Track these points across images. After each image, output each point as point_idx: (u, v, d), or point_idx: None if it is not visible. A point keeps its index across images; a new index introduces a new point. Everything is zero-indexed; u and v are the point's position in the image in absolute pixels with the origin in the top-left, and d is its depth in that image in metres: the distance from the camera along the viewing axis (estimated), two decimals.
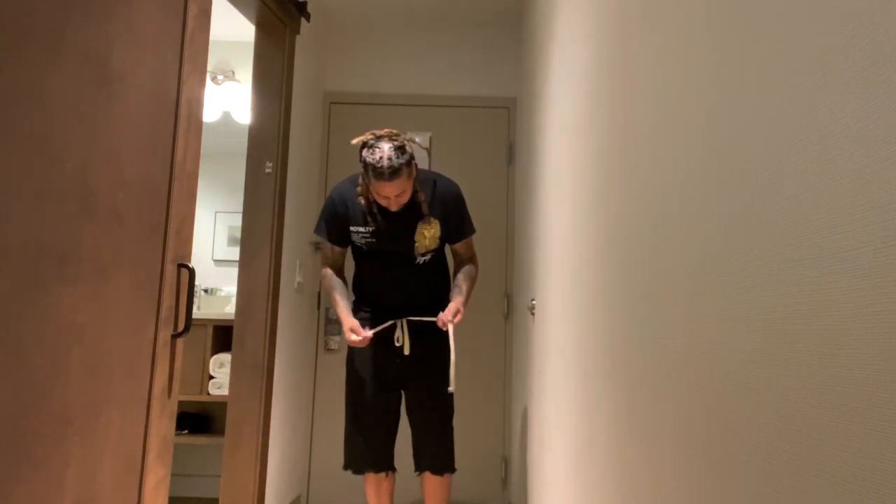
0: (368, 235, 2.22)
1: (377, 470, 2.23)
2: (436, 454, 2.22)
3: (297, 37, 2.83)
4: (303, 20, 2.85)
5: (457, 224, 2.29)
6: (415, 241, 2.21)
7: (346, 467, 2.25)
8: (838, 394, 0.47)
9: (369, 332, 2.14)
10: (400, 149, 2.02)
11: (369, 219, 2.20)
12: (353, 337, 2.12)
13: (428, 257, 2.25)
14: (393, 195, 2.07)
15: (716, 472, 0.69)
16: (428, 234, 2.22)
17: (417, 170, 2.16)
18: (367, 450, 2.22)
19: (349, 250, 2.33)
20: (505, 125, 3.37)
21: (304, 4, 2.81)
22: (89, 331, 1.17)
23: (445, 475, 2.23)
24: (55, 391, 1.09)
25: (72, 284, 1.13)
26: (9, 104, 0.98)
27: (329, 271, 2.31)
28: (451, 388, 2.09)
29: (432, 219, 2.22)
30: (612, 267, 1.19)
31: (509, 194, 3.31)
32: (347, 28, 3.43)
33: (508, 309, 3.27)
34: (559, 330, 1.79)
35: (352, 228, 2.23)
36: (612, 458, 1.13)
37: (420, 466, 2.24)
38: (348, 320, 2.16)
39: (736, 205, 0.66)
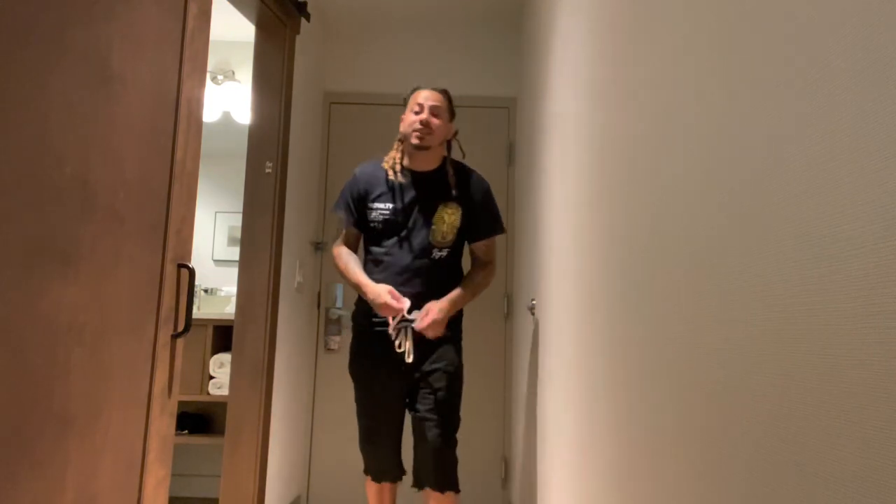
0: (388, 212, 2.10)
1: (393, 480, 2.17)
2: (436, 471, 2.06)
3: (297, 37, 2.83)
4: (303, 20, 2.85)
5: (482, 218, 2.15)
6: (433, 225, 2.08)
7: (365, 472, 2.18)
8: (838, 393, 0.47)
9: (407, 303, 1.98)
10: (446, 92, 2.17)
11: (391, 193, 2.11)
12: (389, 300, 1.95)
13: (444, 253, 2.09)
14: (427, 103, 2.08)
15: (716, 471, 0.69)
16: (447, 220, 2.09)
17: (453, 156, 2.19)
18: (374, 460, 2.15)
19: (361, 243, 2.22)
20: (505, 125, 3.37)
21: (304, 4, 2.81)
22: (89, 331, 1.17)
23: (448, 493, 2.07)
24: (55, 391, 1.09)
25: (72, 284, 1.13)
26: (9, 104, 0.98)
27: (343, 249, 2.18)
28: (408, 359, 1.99)
29: (455, 204, 2.11)
30: (611, 267, 1.19)
31: (509, 194, 3.31)
32: (347, 28, 3.43)
33: (508, 309, 3.27)
34: (559, 330, 1.79)
35: (370, 205, 2.12)
36: (612, 458, 1.13)
37: (420, 483, 2.10)
38: (377, 287, 2.01)
39: (735, 204, 0.66)
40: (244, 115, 3.45)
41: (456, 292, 2.07)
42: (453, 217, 2.10)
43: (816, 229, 0.51)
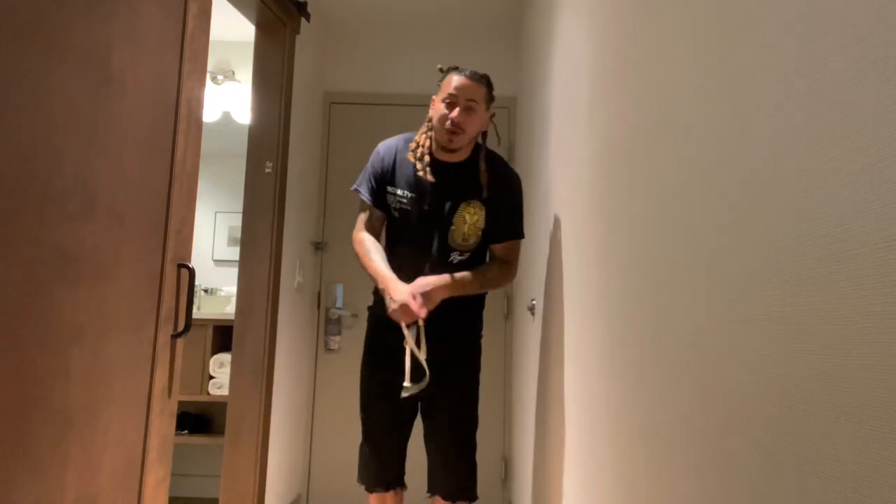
0: (405, 201, 1.89)
1: (384, 488, 1.96)
2: (450, 478, 1.89)
3: (297, 37, 2.83)
4: (303, 20, 2.85)
5: (505, 221, 1.91)
6: (452, 225, 1.87)
7: (358, 480, 2.00)
8: (838, 393, 0.47)
9: (423, 313, 1.75)
10: (487, 79, 1.91)
11: (414, 180, 1.89)
12: (411, 302, 1.72)
13: (465, 258, 1.89)
14: (462, 97, 1.81)
15: (716, 471, 0.69)
16: (469, 220, 1.87)
17: (489, 147, 1.95)
18: (374, 464, 1.95)
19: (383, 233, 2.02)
20: (505, 125, 3.37)
21: (304, 4, 2.81)
22: (89, 331, 1.17)
23: (460, 502, 1.89)
24: (55, 391, 1.09)
25: (72, 284, 1.13)
26: (9, 104, 0.98)
27: (366, 235, 1.93)
28: (406, 384, 1.76)
29: (479, 203, 1.88)
30: (612, 267, 1.19)
31: None
32: (347, 28, 3.43)
33: (508, 309, 3.27)
34: (559, 330, 1.79)
35: (389, 189, 1.91)
36: (612, 458, 1.13)
37: (432, 488, 1.94)
38: (400, 288, 1.76)
39: (736, 205, 0.66)
40: (244, 115, 3.45)
41: (464, 275, 1.84)
42: (476, 217, 1.88)
43: (816, 229, 0.51)
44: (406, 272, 1.85)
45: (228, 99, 3.62)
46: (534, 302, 2.38)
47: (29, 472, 1.04)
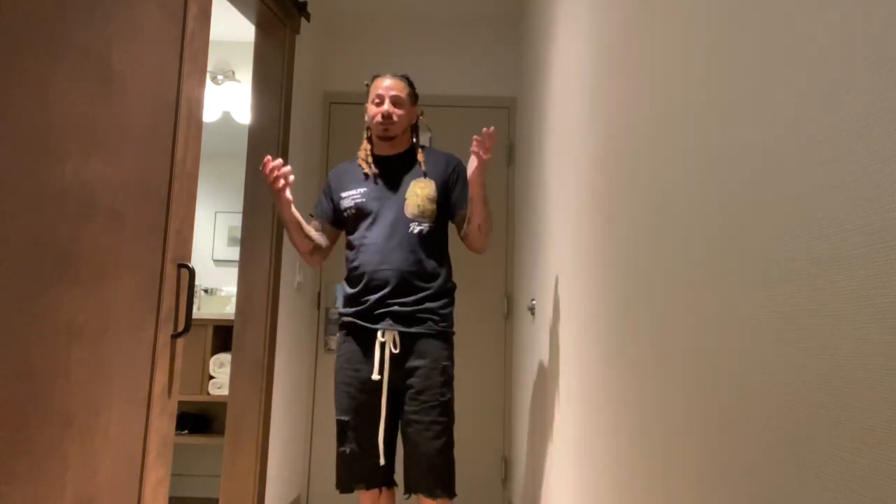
0: (359, 196, 2.05)
1: (368, 486, 1.93)
2: (428, 475, 1.88)
3: (297, 37, 2.83)
4: (303, 20, 2.85)
5: (460, 189, 2.07)
6: (405, 199, 2.02)
7: (336, 485, 1.98)
8: (838, 393, 0.47)
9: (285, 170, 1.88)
10: (406, 77, 2.15)
11: (363, 180, 2.08)
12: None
13: (423, 228, 2.00)
14: (388, 93, 2.05)
15: (716, 471, 0.69)
16: (421, 193, 2.03)
17: (420, 143, 2.16)
18: (355, 461, 1.92)
19: (338, 239, 2.18)
20: (505, 125, 3.37)
21: (304, 4, 2.81)
22: (89, 331, 1.17)
23: (441, 499, 1.89)
24: (55, 391, 1.09)
25: (72, 284, 1.13)
26: (9, 104, 0.98)
27: None
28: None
29: (426, 179, 2.06)
30: (612, 267, 1.19)
31: (509, 194, 3.31)
32: (347, 28, 3.43)
33: (508, 309, 3.27)
34: (559, 330, 1.79)
35: (343, 195, 2.08)
36: (612, 458, 1.13)
37: (409, 488, 1.92)
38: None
39: (736, 205, 0.66)
40: (244, 115, 3.45)
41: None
42: (426, 190, 2.04)
43: (817, 229, 0.51)
44: (372, 250, 1.98)
45: (228, 99, 3.62)
46: (534, 302, 2.38)
47: (28, 472, 1.04)
